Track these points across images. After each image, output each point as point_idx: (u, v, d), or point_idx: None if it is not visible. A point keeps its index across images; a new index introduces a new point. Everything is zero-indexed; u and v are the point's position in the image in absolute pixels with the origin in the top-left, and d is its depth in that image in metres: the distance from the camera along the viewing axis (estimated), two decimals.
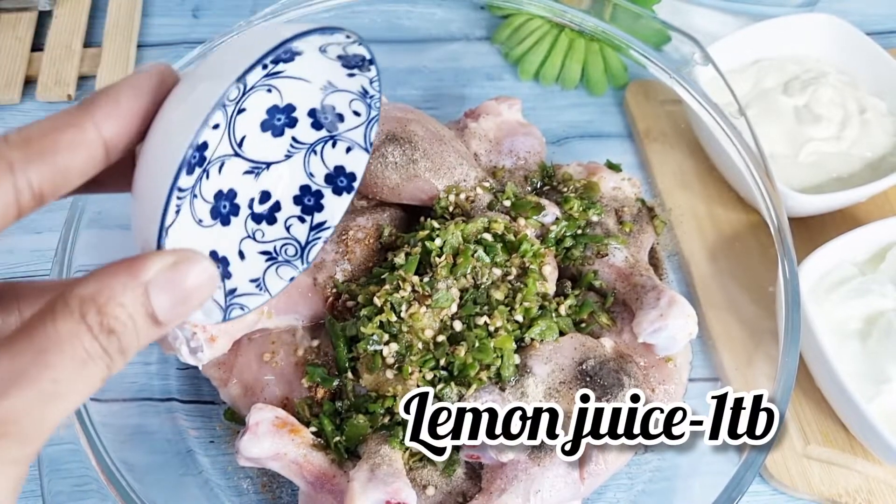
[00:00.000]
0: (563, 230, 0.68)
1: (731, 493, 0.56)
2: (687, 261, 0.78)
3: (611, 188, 0.74)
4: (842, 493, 0.68)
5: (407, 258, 0.63)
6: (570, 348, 0.62)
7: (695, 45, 0.76)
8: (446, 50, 0.93)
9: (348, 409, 0.61)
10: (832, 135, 0.82)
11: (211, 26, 0.97)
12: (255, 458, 0.58)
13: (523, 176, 0.74)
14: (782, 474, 0.68)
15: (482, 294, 0.62)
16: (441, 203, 0.69)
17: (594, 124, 0.90)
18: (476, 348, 0.59)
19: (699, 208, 0.81)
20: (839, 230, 0.74)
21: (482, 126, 0.76)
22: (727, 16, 0.95)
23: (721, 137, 0.72)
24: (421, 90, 0.91)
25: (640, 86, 0.91)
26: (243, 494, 0.65)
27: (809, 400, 0.72)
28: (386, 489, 0.54)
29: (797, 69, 0.86)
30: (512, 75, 0.94)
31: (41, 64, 0.91)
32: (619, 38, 0.77)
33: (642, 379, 0.63)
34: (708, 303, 0.75)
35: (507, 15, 0.94)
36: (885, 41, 0.88)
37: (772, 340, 0.64)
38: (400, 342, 0.59)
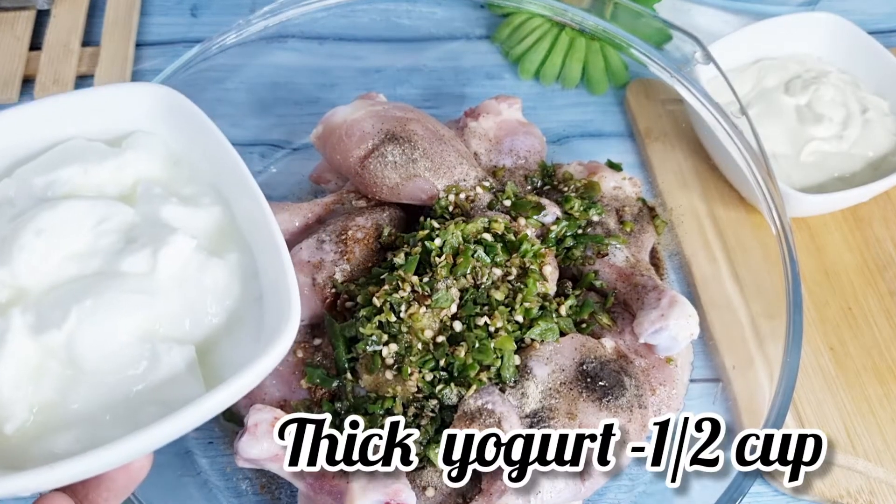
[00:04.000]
0: (563, 230, 0.68)
1: (733, 495, 0.56)
2: (688, 261, 0.78)
3: (611, 188, 0.73)
4: (843, 493, 0.67)
5: (406, 258, 0.62)
6: (571, 349, 0.61)
7: (696, 44, 0.76)
8: (446, 49, 0.93)
9: (348, 409, 0.61)
10: (834, 134, 0.81)
11: (210, 25, 0.96)
12: (254, 459, 0.58)
13: (523, 175, 0.74)
14: (784, 475, 0.68)
15: (482, 294, 0.62)
16: (441, 203, 0.68)
17: (595, 123, 0.90)
18: (476, 349, 0.59)
19: (700, 208, 0.81)
20: (841, 230, 0.74)
21: (482, 125, 0.76)
22: (728, 14, 0.95)
23: (722, 137, 0.72)
24: (421, 89, 0.90)
25: (640, 85, 0.90)
26: (242, 495, 0.65)
27: (811, 401, 0.71)
28: (385, 490, 0.54)
29: (799, 68, 0.86)
30: (512, 74, 0.93)
31: (39, 63, 0.91)
32: (620, 36, 0.77)
33: (643, 380, 0.62)
34: (709, 303, 0.75)
35: (507, 14, 0.94)
36: (886, 40, 0.87)
37: (773, 341, 0.64)
38: (399, 343, 0.59)
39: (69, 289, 0.43)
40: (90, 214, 0.45)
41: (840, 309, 0.77)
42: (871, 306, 0.77)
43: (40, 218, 0.44)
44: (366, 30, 0.90)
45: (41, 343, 0.41)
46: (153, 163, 0.50)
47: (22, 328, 0.41)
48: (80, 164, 0.48)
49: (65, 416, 0.41)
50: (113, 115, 0.51)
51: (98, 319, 0.42)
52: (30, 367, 0.41)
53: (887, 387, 0.73)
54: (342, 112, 0.72)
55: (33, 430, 0.41)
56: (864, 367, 0.74)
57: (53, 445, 0.40)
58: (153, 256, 0.44)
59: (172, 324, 0.44)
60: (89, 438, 0.40)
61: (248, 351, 0.44)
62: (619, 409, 0.60)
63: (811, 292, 0.77)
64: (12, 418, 0.40)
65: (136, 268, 0.44)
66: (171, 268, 0.45)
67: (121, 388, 0.42)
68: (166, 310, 0.44)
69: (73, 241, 0.44)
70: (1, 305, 0.43)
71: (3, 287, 0.43)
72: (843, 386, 0.73)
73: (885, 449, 0.70)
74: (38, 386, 0.41)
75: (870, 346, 0.75)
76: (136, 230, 0.46)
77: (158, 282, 0.44)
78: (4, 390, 0.40)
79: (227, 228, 0.49)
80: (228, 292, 0.47)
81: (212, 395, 0.40)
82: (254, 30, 0.75)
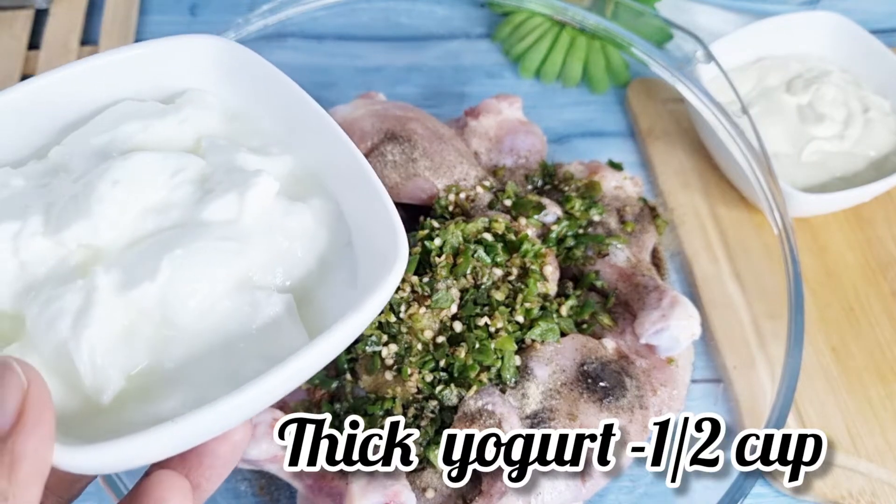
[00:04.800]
0: (564, 230, 0.68)
1: (734, 496, 0.55)
2: (689, 261, 0.78)
3: (612, 187, 0.73)
4: (845, 494, 0.67)
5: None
6: (572, 349, 0.61)
7: (697, 42, 0.75)
8: (446, 48, 0.93)
9: (347, 410, 0.61)
10: (835, 134, 0.81)
11: (209, 24, 0.96)
12: (253, 460, 0.58)
13: (524, 175, 0.74)
14: (785, 476, 0.68)
15: (482, 294, 0.61)
16: (441, 202, 0.68)
17: (596, 123, 0.90)
18: (476, 349, 0.58)
19: (701, 208, 0.81)
20: (842, 230, 0.74)
21: (482, 124, 0.76)
22: (730, 13, 0.95)
23: (724, 136, 0.72)
24: (421, 88, 0.90)
25: (641, 84, 0.90)
26: (241, 497, 0.64)
27: (813, 401, 0.71)
28: (385, 492, 0.54)
29: (800, 67, 0.86)
30: (513, 73, 0.93)
31: (38, 62, 0.90)
32: (621, 35, 0.77)
33: (644, 380, 0.62)
34: (710, 303, 0.75)
35: (507, 12, 0.94)
36: (888, 39, 0.87)
37: (775, 341, 0.64)
38: (399, 343, 0.59)
39: (154, 241, 0.40)
40: (163, 166, 0.42)
41: (842, 309, 0.77)
42: (873, 306, 0.77)
43: (114, 169, 0.41)
44: (365, 28, 0.90)
45: (131, 301, 0.38)
46: (212, 119, 0.47)
47: (109, 287, 0.38)
48: (139, 121, 0.45)
49: (163, 379, 0.38)
50: (164, 71, 0.48)
51: (192, 269, 0.38)
52: (120, 329, 0.38)
53: (889, 387, 0.72)
54: (341, 111, 0.72)
55: (132, 398, 0.37)
56: (866, 367, 0.73)
57: (158, 410, 0.36)
58: (239, 201, 0.41)
59: (265, 272, 0.41)
60: (194, 401, 0.36)
61: (345, 299, 0.41)
62: (620, 409, 0.59)
63: (813, 292, 0.77)
64: (108, 387, 0.37)
65: (221, 215, 0.41)
66: (258, 212, 0.42)
67: (220, 344, 0.38)
68: (257, 257, 0.41)
69: (150, 194, 0.41)
70: (80, 266, 0.40)
71: (81, 245, 0.40)
72: (845, 386, 0.72)
73: (888, 450, 0.69)
74: (132, 349, 0.38)
75: (872, 347, 0.74)
76: (212, 180, 0.43)
77: (245, 228, 0.41)
78: (97, 357, 0.37)
79: (301, 176, 0.46)
80: (316, 238, 0.44)
81: (317, 343, 0.37)
82: (252, 28, 0.75)
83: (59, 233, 0.39)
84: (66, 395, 0.36)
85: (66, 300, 0.37)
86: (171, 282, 0.38)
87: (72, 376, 0.37)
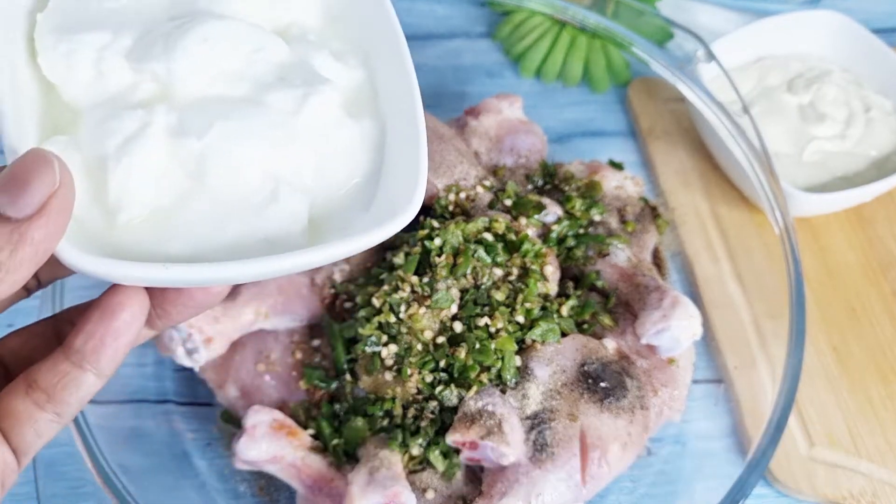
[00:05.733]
0: (564, 230, 0.68)
1: (735, 497, 0.55)
2: (690, 261, 0.78)
3: (613, 187, 0.73)
4: (846, 495, 0.67)
5: (406, 258, 0.62)
6: (572, 350, 0.61)
7: (698, 42, 0.75)
8: (446, 47, 0.93)
9: (347, 411, 0.61)
10: (837, 133, 0.81)
11: None
12: (253, 461, 0.57)
13: (524, 174, 0.74)
14: (787, 477, 0.68)
15: (483, 295, 0.61)
16: (441, 202, 0.68)
17: (596, 122, 0.90)
18: (476, 350, 0.58)
19: (702, 207, 0.81)
20: (844, 229, 0.73)
21: (483, 124, 0.76)
22: (730, 13, 0.94)
23: (725, 136, 0.72)
24: (420, 87, 0.90)
25: (642, 83, 0.90)
26: (240, 498, 0.64)
27: (814, 402, 0.71)
28: (385, 492, 0.54)
29: (801, 67, 0.86)
30: (513, 72, 0.93)
31: None
32: (622, 35, 0.77)
33: (645, 381, 0.62)
34: (711, 303, 0.75)
35: (508, 11, 0.94)
36: (889, 39, 0.87)
37: (776, 341, 0.63)
38: (399, 343, 0.59)
39: (215, 103, 0.42)
40: (249, 39, 0.44)
41: (843, 309, 0.76)
42: (874, 306, 0.77)
43: (208, 26, 0.43)
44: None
45: (176, 147, 0.41)
46: (309, 11, 0.49)
47: (164, 126, 0.41)
48: None
49: (174, 224, 0.41)
50: None
51: (237, 140, 0.41)
52: (156, 166, 0.41)
53: (891, 387, 0.72)
54: None
55: (144, 231, 0.40)
56: (867, 367, 0.73)
57: (159, 250, 0.40)
58: (303, 99, 0.43)
59: (297, 171, 0.43)
60: (192, 254, 0.40)
61: (356, 221, 0.43)
62: (621, 410, 0.59)
63: (814, 292, 0.77)
64: (127, 209, 0.40)
65: (283, 104, 0.43)
66: (312, 117, 0.44)
67: (235, 212, 0.41)
68: (296, 156, 0.43)
69: (231, 61, 0.43)
70: (146, 99, 0.42)
71: (156, 81, 0.42)
72: (846, 387, 0.72)
73: (889, 450, 0.69)
74: (159, 187, 0.41)
75: (873, 347, 0.74)
76: (288, 70, 0.45)
77: (298, 126, 0.43)
78: (131, 182, 0.40)
79: (365, 93, 0.48)
80: (354, 157, 0.46)
81: (318, 249, 0.39)
82: None
83: (139, 62, 0.42)
84: (87, 200, 0.39)
85: (123, 122, 0.40)
86: (216, 143, 0.41)
87: (100, 187, 0.40)
